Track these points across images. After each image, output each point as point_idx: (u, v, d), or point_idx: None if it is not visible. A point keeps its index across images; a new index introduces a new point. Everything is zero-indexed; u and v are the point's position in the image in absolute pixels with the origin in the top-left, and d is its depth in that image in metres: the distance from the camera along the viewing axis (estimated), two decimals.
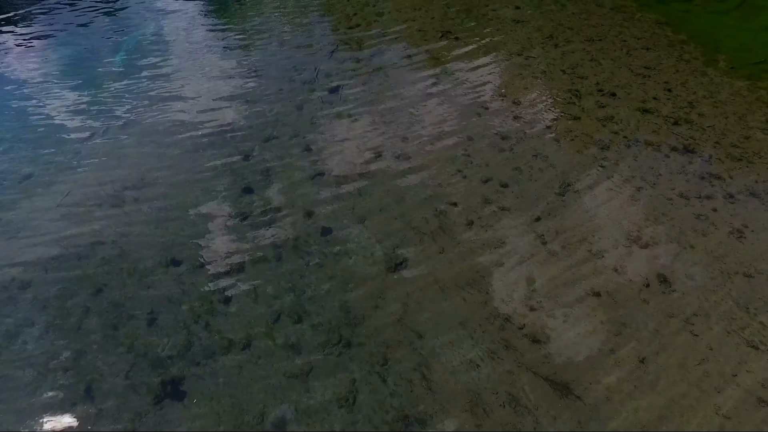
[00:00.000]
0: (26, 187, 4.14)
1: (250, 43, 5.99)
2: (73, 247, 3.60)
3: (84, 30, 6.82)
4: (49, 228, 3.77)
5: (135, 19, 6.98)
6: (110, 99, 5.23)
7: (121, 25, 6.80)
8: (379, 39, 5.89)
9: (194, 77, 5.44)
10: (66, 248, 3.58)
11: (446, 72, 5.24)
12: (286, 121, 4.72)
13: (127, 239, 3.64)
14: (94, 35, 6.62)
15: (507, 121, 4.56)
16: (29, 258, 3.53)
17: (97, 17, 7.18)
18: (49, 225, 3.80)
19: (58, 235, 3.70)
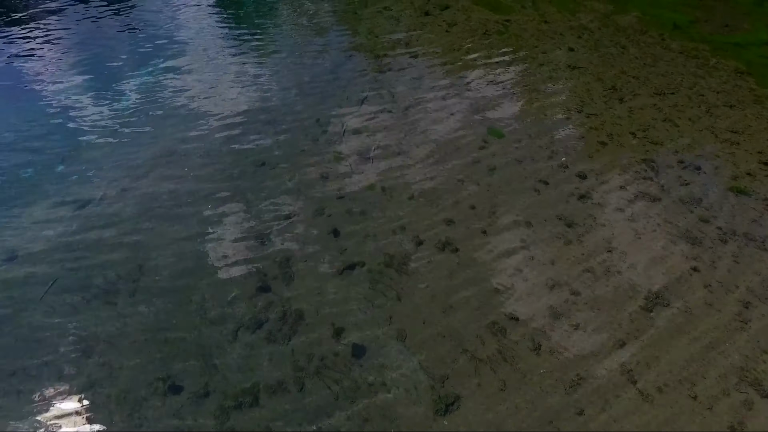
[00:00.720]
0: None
1: (268, 88, 5.56)
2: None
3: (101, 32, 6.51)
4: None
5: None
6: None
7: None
8: (414, 86, 5.41)
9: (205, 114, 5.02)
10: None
11: (494, 132, 4.72)
12: (310, 192, 4.25)
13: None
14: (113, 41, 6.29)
15: (571, 202, 4.02)
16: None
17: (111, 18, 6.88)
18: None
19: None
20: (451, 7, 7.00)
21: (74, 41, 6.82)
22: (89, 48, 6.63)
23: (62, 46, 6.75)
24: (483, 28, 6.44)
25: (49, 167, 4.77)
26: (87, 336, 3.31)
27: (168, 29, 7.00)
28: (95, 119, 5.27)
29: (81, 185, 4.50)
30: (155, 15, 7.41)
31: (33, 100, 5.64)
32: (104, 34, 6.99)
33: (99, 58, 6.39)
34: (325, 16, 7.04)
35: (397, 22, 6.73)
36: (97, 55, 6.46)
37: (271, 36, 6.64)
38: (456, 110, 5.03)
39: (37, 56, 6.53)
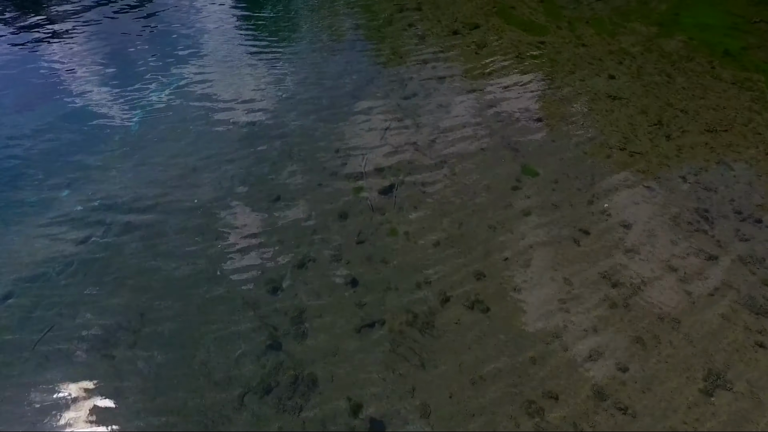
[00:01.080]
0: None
1: (285, 111, 5.36)
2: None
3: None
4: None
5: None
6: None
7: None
8: (441, 114, 5.15)
9: (215, 158, 4.83)
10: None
11: (529, 171, 4.43)
12: (326, 235, 4.01)
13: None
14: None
15: (616, 257, 3.71)
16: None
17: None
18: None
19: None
20: (481, 26, 6.75)
21: (93, 40, 6.74)
22: (107, 48, 6.53)
23: (82, 46, 6.67)
24: (515, 51, 6.17)
25: (54, 194, 4.62)
26: (78, 396, 3.11)
27: (181, 52, 6.88)
28: (99, 145, 5.12)
29: (85, 211, 4.33)
30: (174, 37, 7.30)
31: (45, 105, 5.53)
32: (127, 40, 6.89)
33: (113, 65, 6.28)
34: (347, 33, 6.84)
35: (422, 42, 6.50)
36: (111, 61, 6.35)
37: (289, 54, 6.46)
38: (487, 144, 4.76)
39: (59, 56, 6.46)
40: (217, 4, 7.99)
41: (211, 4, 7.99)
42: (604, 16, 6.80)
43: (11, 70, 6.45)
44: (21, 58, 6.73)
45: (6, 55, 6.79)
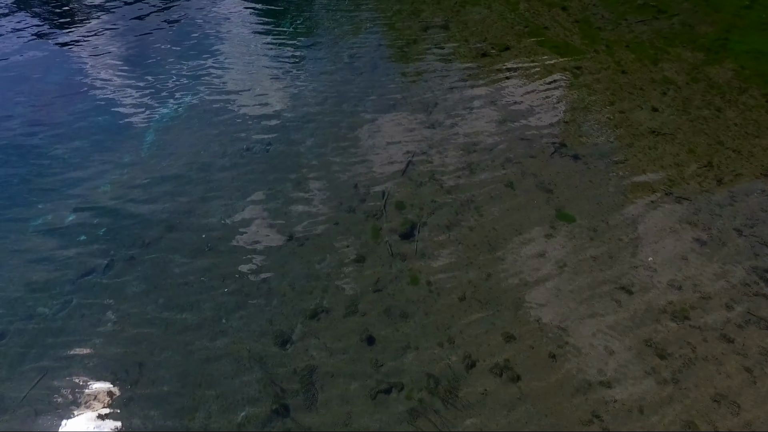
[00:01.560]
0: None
1: (301, 140, 5.21)
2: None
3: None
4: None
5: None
6: None
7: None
8: (468, 149, 4.94)
9: (229, 191, 4.69)
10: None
11: (565, 216, 4.18)
12: (341, 282, 3.82)
13: None
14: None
15: (663, 321, 3.44)
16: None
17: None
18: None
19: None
20: (512, 48, 6.53)
21: (116, 46, 6.73)
22: (129, 58, 6.50)
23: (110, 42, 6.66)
24: (549, 77, 5.93)
25: (60, 218, 4.53)
26: None
27: (195, 62, 6.82)
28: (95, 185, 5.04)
29: (89, 240, 4.22)
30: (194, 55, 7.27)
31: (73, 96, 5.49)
32: (150, 45, 6.87)
33: (132, 76, 6.23)
34: (369, 53, 6.69)
35: (448, 64, 6.31)
36: (131, 72, 6.31)
37: (308, 73, 6.34)
38: (517, 183, 4.53)
39: (84, 53, 6.45)
40: (237, 14, 7.93)
41: (229, 17, 7.94)
42: (645, 39, 6.52)
43: (32, 67, 6.47)
44: (48, 55, 6.75)
45: (33, 52, 6.82)
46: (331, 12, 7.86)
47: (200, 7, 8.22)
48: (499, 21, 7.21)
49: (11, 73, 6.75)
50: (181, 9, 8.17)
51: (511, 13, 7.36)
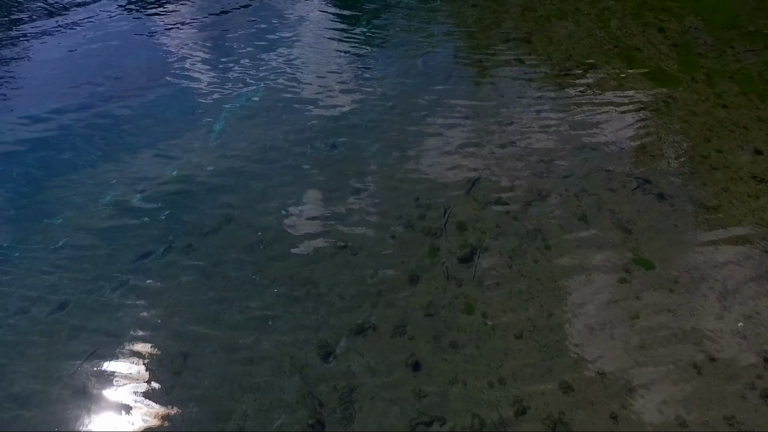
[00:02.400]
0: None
1: (365, 146, 5.17)
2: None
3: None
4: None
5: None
6: None
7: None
8: (539, 172, 4.70)
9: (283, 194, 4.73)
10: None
11: (642, 262, 3.86)
12: (391, 299, 3.73)
13: None
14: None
15: (749, 398, 3.09)
16: None
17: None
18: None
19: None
20: (599, 68, 6.18)
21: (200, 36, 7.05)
22: (211, 48, 6.79)
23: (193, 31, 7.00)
24: (637, 104, 5.54)
25: (129, 196, 4.74)
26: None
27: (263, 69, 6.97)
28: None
29: (152, 222, 4.38)
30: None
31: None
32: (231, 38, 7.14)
33: (209, 67, 6.48)
34: (444, 62, 6.56)
35: (528, 81, 6.06)
36: (209, 63, 6.57)
37: (378, 77, 6.31)
38: (593, 219, 4.24)
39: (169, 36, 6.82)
40: (314, 15, 8.06)
41: (306, 17, 8.08)
42: (754, 72, 5.96)
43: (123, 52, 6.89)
44: (137, 39, 7.18)
45: (123, 35, 7.28)
46: (407, 18, 7.80)
47: (280, 6, 8.42)
48: (587, 38, 6.85)
49: (102, 54, 7.21)
50: (263, 7, 8.41)
51: (600, 31, 6.98)
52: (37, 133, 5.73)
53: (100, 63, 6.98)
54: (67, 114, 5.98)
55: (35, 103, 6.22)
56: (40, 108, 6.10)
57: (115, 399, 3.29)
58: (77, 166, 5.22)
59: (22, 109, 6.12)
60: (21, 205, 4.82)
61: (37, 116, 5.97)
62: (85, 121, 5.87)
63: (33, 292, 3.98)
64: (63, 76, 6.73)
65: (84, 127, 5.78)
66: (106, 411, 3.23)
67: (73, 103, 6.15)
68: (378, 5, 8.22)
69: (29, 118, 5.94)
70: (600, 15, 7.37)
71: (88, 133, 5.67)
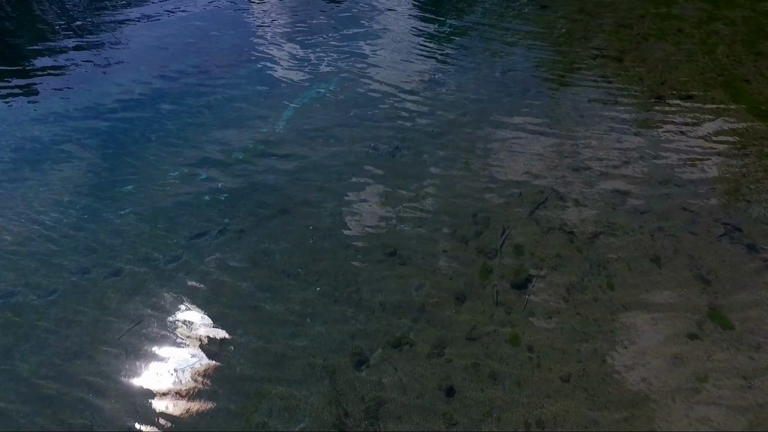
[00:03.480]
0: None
1: (429, 154, 5.07)
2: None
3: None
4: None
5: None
6: None
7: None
8: (616, 202, 4.38)
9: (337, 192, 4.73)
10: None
11: (719, 318, 3.50)
12: (435, 316, 3.62)
13: None
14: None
15: None
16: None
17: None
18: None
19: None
20: (696, 97, 5.68)
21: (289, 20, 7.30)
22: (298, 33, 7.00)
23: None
24: (737, 141, 5.04)
25: (193, 173, 4.95)
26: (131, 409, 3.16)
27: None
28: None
29: (211, 203, 4.54)
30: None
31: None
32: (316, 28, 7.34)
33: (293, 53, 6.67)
34: (524, 72, 6.32)
35: (612, 103, 5.69)
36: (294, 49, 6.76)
37: (452, 82, 6.19)
38: (667, 262, 3.90)
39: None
40: (397, 9, 8.06)
41: (390, 11, 8.09)
42: None
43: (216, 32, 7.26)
44: (226, 19, 7.55)
45: (213, 15, 7.68)
46: (490, 25, 7.60)
47: (366, 2, 8.52)
48: (687, 63, 6.33)
49: (192, 32, 7.62)
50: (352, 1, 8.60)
51: (704, 56, 6.43)
52: (126, 103, 6.16)
53: (193, 36, 7.37)
54: (155, 88, 6.38)
55: (129, 76, 6.70)
56: (133, 81, 6.57)
57: (151, 368, 3.43)
58: (153, 139, 5.54)
59: (118, 81, 6.62)
60: (100, 168, 5.18)
61: (129, 89, 6.43)
62: (169, 97, 6.22)
63: (94, 255, 4.25)
64: (155, 55, 7.20)
65: (167, 102, 6.13)
66: (140, 377, 3.38)
67: (156, 80, 6.55)
68: (463, 8, 8.08)
69: (122, 89, 6.42)
70: (706, 39, 6.79)
71: (169, 108, 6.00)
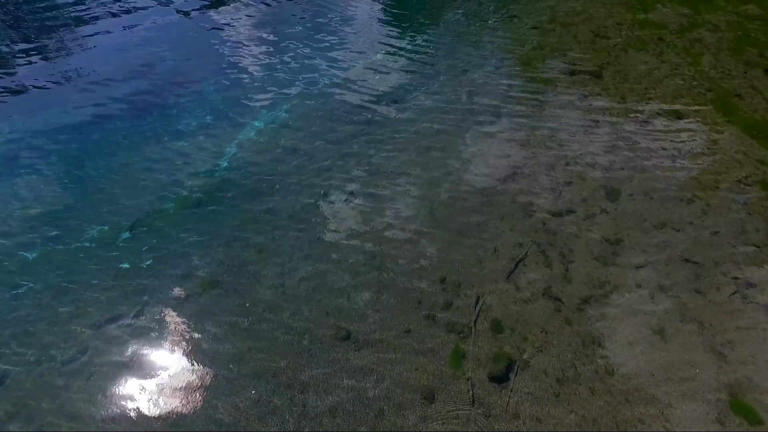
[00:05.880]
0: None
1: (387, 204, 4.48)
2: None
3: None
4: None
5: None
6: None
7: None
8: (606, 255, 3.85)
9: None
10: None
11: (742, 409, 2.96)
12: (397, 425, 2.96)
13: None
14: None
15: None
16: None
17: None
18: None
19: None
20: (686, 117, 5.20)
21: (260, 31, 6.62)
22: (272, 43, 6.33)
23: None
24: (739, 170, 4.56)
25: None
26: None
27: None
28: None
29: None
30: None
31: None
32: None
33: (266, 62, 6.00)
34: (493, 93, 5.79)
35: (594, 130, 5.18)
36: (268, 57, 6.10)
37: (415, 108, 5.62)
38: (673, 333, 3.36)
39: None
40: (364, 19, 7.50)
41: (355, 23, 7.52)
42: None
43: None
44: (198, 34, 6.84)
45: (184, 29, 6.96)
46: (458, 36, 7.07)
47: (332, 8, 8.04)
48: (672, 76, 5.89)
49: (141, 53, 6.89)
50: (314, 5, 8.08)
51: (689, 68, 6.00)
52: (47, 139, 5.40)
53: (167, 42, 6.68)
54: (84, 122, 5.64)
55: (57, 109, 5.92)
56: (62, 112, 5.83)
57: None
58: (70, 184, 4.80)
59: (45, 115, 5.83)
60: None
61: (54, 121, 5.69)
62: (100, 132, 5.49)
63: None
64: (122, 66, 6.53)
65: (95, 137, 5.41)
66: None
67: (87, 112, 5.81)
68: (427, 20, 7.54)
69: (46, 124, 5.65)
70: (689, 48, 6.38)
71: (95, 147, 5.28)
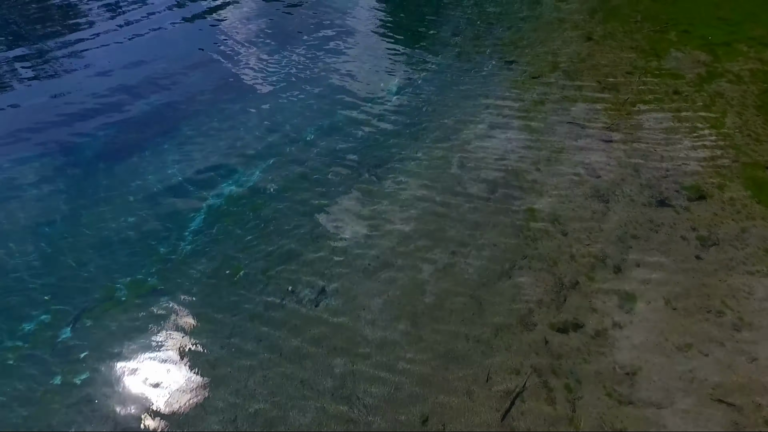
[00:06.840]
0: None
1: (361, 318, 3.89)
2: None
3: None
4: None
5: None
6: None
7: None
8: (623, 400, 3.21)
9: None
10: None
11: None
12: None
13: None
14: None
15: None
16: None
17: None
18: None
19: None
20: (710, 198, 4.55)
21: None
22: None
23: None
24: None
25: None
26: None
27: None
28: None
29: None
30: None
31: None
32: None
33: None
34: (486, 168, 5.19)
35: (605, 214, 4.56)
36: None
37: (395, 178, 5.04)
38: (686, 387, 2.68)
39: None
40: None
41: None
42: None
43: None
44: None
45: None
46: (446, 85, 6.55)
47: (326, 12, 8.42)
48: (691, 141, 5.24)
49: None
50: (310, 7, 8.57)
51: (711, 131, 5.34)
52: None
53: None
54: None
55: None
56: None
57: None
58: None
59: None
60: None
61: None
62: (51, 196, 4.99)
63: None
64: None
65: (42, 204, 4.90)
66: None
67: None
68: (409, 68, 7.05)
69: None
70: (710, 104, 5.72)
71: (42, 217, 4.77)
